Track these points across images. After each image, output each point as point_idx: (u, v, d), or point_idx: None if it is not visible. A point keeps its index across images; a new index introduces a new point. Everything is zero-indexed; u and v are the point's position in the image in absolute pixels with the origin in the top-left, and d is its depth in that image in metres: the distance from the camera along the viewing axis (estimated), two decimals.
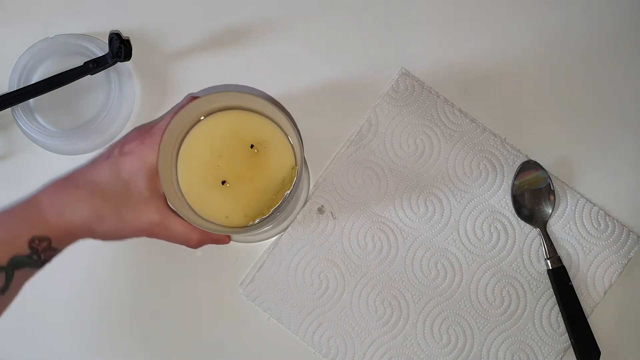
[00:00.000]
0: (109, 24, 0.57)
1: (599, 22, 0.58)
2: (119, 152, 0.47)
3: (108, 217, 0.46)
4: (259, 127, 0.47)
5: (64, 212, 0.45)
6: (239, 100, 0.46)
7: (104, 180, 0.46)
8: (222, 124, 0.47)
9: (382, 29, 0.57)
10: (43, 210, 0.45)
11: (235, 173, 0.46)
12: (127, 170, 0.46)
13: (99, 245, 0.54)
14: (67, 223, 0.45)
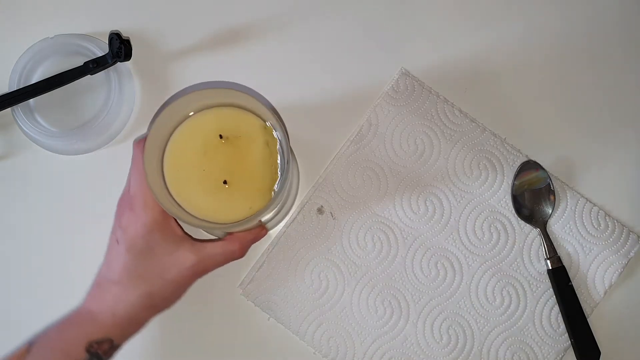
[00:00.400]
0: (109, 24, 0.57)
1: (599, 21, 0.58)
2: (121, 232, 0.47)
3: (155, 289, 0.47)
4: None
5: (117, 309, 0.46)
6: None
7: (130, 262, 0.46)
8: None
9: (382, 28, 0.58)
10: (97, 316, 0.46)
11: (220, 170, 0.46)
12: (140, 241, 0.46)
13: (99, 248, 0.54)
14: (125, 317, 0.46)
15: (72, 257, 0.55)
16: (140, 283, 0.46)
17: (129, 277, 0.46)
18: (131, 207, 0.47)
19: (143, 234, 0.46)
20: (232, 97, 0.46)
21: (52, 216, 0.55)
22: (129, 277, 0.46)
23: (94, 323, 0.46)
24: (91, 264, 0.54)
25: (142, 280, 0.46)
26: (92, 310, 0.46)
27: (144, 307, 0.47)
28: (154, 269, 0.46)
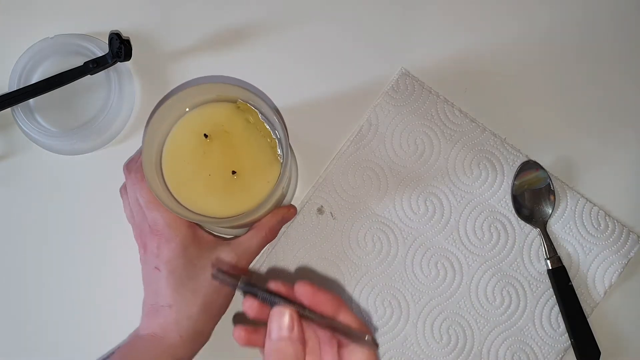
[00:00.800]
0: (109, 24, 0.57)
1: (599, 21, 0.58)
2: (157, 259, 0.47)
3: (210, 299, 0.47)
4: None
5: (181, 330, 0.46)
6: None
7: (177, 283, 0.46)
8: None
9: (382, 28, 0.58)
10: (163, 340, 0.46)
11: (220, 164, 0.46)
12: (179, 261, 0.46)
13: (99, 248, 0.54)
14: (191, 334, 0.46)
15: (72, 257, 0.55)
16: (195, 298, 0.46)
17: (182, 298, 0.46)
18: (156, 234, 0.47)
19: (179, 253, 0.46)
20: (224, 91, 0.46)
21: (52, 216, 0.55)
22: (182, 297, 0.46)
23: (162, 347, 0.46)
24: (91, 263, 0.54)
25: (195, 295, 0.46)
26: (157, 335, 0.46)
27: (205, 321, 0.47)
28: (202, 281, 0.47)
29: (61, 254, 0.55)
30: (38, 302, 0.54)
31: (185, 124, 0.47)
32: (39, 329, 0.54)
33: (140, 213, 0.48)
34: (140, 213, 0.48)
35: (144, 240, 0.48)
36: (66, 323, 0.53)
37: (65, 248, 0.55)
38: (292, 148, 0.55)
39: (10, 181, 0.56)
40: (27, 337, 0.54)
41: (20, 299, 0.54)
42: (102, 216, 0.54)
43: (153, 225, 0.47)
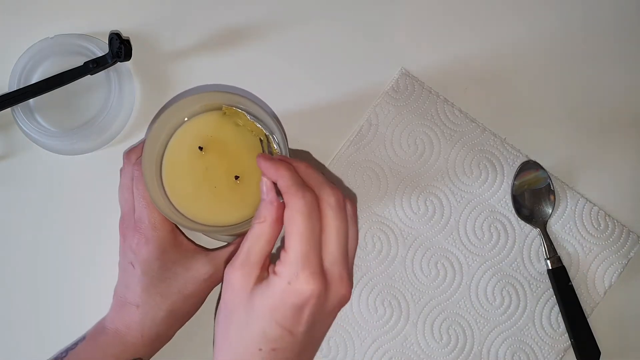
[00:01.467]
0: (109, 24, 0.57)
1: (599, 21, 0.58)
2: (134, 256, 0.47)
3: (177, 306, 0.48)
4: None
5: (144, 330, 0.47)
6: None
7: (149, 284, 0.47)
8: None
9: (382, 29, 0.57)
10: (126, 338, 0.47)
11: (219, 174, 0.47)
12: (155, 263, 0.47)
13: (99, 248, 0.54)
14: (153, 336, 0.48)
15: (72, 257, 0.55)
16: (162, 303, 0.47)
17: (150, 299, 0.47)
18: (138, 230, 0.47)
19: (157, 255, 0.47)
20: (209, 100, 0.47)
21: (52, 216, 0.55)
22: (150, 298, 0.47)
23: (124, 344, 0.47)
24: (91, 263, 0.54)
25: (163, 300, 0.47)
26: (120, 332, 0.47)
27: (169, 325, 0.48)
28: (173, 287, 0.47)
29: (61, 254, 0.55)
30: (38, 301, 0.54)
31: (179, 141, 0.47)
32: (39, 328, 0.54)
33: (130, 202, 0.48)
34: (130, 202, 0.48)
35: (125, 231, 0.48)
36: (66, 323, 0.53)
37: (64, 248, 0.55)
38: (292, 149, 0.55)
39: (10, 181, 0.56)
40: (26, 336, 0.54)
41: (20, 299, 0.54)
42: (101, 216, 0.54)
43: (138, 221, 0.47)
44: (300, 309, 0.36)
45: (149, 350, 0.48)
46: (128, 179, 0.49)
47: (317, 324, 0.38)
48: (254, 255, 0.38)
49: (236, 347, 0.37)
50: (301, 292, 0.36)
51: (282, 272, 0.36)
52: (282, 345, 0.37)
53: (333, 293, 0.37)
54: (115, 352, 0.46)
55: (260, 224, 0.38)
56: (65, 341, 0.51)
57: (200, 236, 0.54)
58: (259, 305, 0.36)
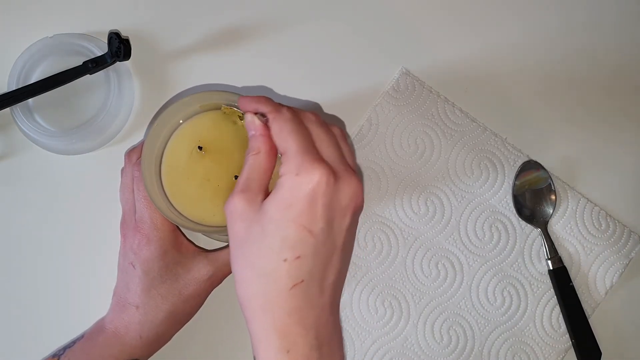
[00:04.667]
0: (109, 23, 0.57)
1: (599, 21, 0.58)
2: (134, 256, 0.47)
3: (178, 307, 0.47)
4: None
5: (143, 332, 0.47)
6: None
7: (149, 285, 0.47)
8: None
9: (383, 28, 0.57)
10: (124, 338, 0.47)
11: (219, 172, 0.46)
12: (156, 264, 0.47)
13: (98, 248, 0.54)
14: (152, 338, 0.47)
15: (72, 257, 0.54)
16: (162, 304, 0.47)
17: (150, 300, 0.47)
18: (139, 230, 0.47)
19: (158, 256, 0.47)
20: (206, 100, 0.46)
21: (51, 216, 0.55)
22: (150, 300, 0.47)
23: (122, 345, 0.47)
24: (91, 263, 0.54)
25: (163, 301, 0.47)
26: (119, 332, 0.47)
27: (168, 327, 0.48)
28: (173, 288, 0.47)
29: (60, 254, 0.54)
30: (38, 301, 0.54)
31: (178, 142, 0.47)
32: (39, 327, 0.54)
33: (131, 202, 0.48)
34: (131, 202, 0.48)
35: (126, 231, 0.48)
36: (66, 323, 0.53)
37: (64, 247, 0.54)
38: None
39: (9, 181, 0.55)
40: (26, 335, 0.54)
41: (19, 298, 0.54)
42: (101, 216, 0.54)
43: (139, 221, 0.47)
44: (313, 199, 0.35)
45: (147, 352, 0.48)
46: (129, 179, 0.49)
47: (335, 223, 0.37)
48: (254, 182, 0.38)
49: (261, 267, 0.36)
50: (310, 179, 0.35)
51: (286, 170, 0.36)
52: (306, 251, 0.36)
53: (343, 184, 0.37)
54: (113, 353, 0.46)
55: (255, 155, 0.38)
56: (65, 340, 0.51)
57: (200, 237, 0.54)
58: (272, 212, 0.36)
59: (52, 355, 0.49)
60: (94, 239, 0.54)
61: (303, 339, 0.36)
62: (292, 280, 0.35)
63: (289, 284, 0.35)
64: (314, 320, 0.36)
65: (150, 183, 0.45)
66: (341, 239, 0.38)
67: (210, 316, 0.53)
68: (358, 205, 0.38)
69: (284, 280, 0.35)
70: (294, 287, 0.35)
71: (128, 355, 0.47)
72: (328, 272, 0.37)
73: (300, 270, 0.36)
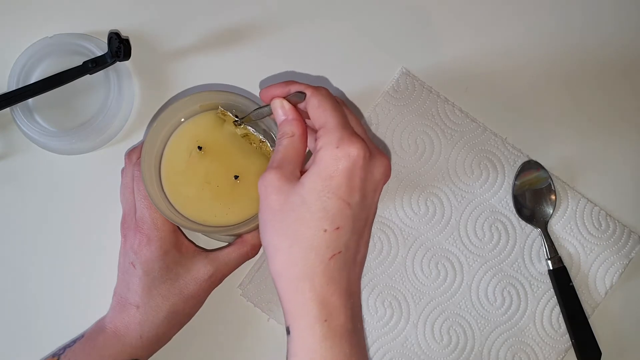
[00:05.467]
0: (108, 23, 0.57)
1: (600, 21, 0.58)
2: (135, 256, 0.47)
3: (178, 307, 0.47)
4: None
5: (144, 332, 0.47)
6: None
7: (150, 285, 0.47)
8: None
9: (382, 28, 0.57)
10: (124, 339, 0.47)
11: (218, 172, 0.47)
12: (157, 263, 0.47)
13: (98, 248, 0.54)
14: (152, 338, 0.47)
15: (72, 257, 0.54)
16: (163, 304, 0.47)
17: (151, 300, 0.47)
18: (139, 230, 0.47)
19: (158, 255, 0.47)
20: (206, 99, 0.46)
21: (51, 216, 0.55)
22: (151, 300, 0.47)
23: (122, 345, 0.47)
24: (91, 262, 0.54)
25: (164, 301, 0.47)
26: (119, 332, 0.47)
27: (169, 327, 0.48)
28: (174, 287, 0.47)
29: (60, 253, 0.54)
30: (37, 301, 0.54)
31: (177, 142, 0.47)
32: (38, 327, 0.54)
33: (131, 202, 0.48)
34: (131, 202, 0.48)
35: (126, 232, 0.48)
36: (66, 323, 0.53)
37: (64, 247, 0.54)
38: None
39: (9, 181, 0.55)
40: (26, 335, 0.54)
41: (19, 298, 0.54)
42: (101, 216, 0.54)
43: (139, 221, 0.47)
44: (351, 173, 0.36)
45: (147, 352, 0.48)
46: (129, 179, 0.49)
47: (368, 197, 0.38)
48: (290, 161, 0.38)
49: (301, 238, 0.36)
50: (350, 152, 0.36)
51: (326, 142, 0.37)
52: (344, 222, 0.36)
53: (376, 160, 0.38)
54: (113, 353, 0.46)
55: (290, 137, 0.39)
56: (65, 340, 0.51)
57: (200, 237, 0.54)
58: (313, 183, 0.36)
59: (52, 355, 0.49)
60: (94, 238, 0.54)
61: (339, 310, 0.36)
62: (331, 251, 0.36)
63: (327, 253, 0.36)
64: (349, 291, 0.37)
65: (150, 183, 0.45)
66: (372, 213, 0.39)
67: (210, 316, 0.52)
68: (386, 181, 0.40)
69: (323, 249, 0.36)
70: (332, 257, 0.36)
71: (128, 355, 0.46)
72: (360, 244, 0.38)
73: (339, 241, 0.36)
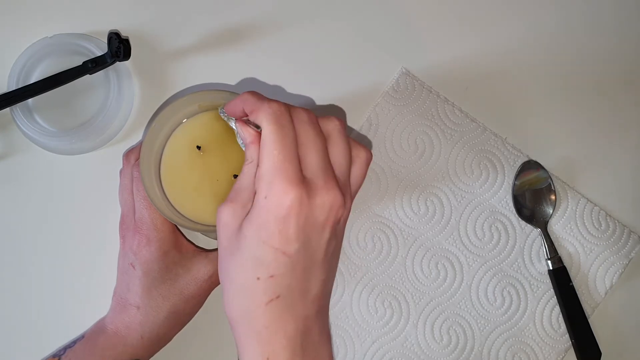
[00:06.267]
0: (108, 23, 0.57)
1: (600, 21, 0.58)
2: (134, 257, 0.47)
3: (179, 308, 0.47)
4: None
5: (144, 332, 0.47)
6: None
7: (150, 285, 0.47)
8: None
9: (382, 28, 0.57)
10: (125, 339, 0.47)
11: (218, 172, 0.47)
12: (156, 264, 0.47)
13: (98, 248, 0.54)
14: (153, 338, 0.47)
15: (72, 257, 0.54)
16: (163, 304, 0.47)
17: (151, 301, 0.47)
18: (138, 230, 0.47)
19: (158, 256, 0.47)
20: (204, 99, 0.46)
21: (51, 216, 0.55)
22: (151, 300, 0.47)
23: (123, 345, 0.47)
24: (91, 262, 0.54)
25: (164, 301, 0.47)
26: (120, 333, 0.47)
27: (169, 327, 0.48)
28: (174, 288, 0.47)
29: (60, 254, 0.54)
30: (37, 301, 0.54)
31: (176, 142, 0.47)
32: (38, 328, 0.54)
33: (129, 203, 0.48)
34: (129, 203, 0.48)
35: (125, 232, 0.48)
36: (65, 323, 0.53)
37: (64, 247, 0.54)
38: None
39: (9, 181, 0.55)
40: (26, 336, 0.54)
41: (19, 299, 0.54)
42: (101, 216, 0.54)
43: (139, 222, 0.47)
44: (284, 222, 0.34)
45: (148, 352, 0.48)
46: (127, 180, 0.49)
47: (313, 240, 0.36)
48: (243, 192, 0.36)
49: (237, 282, 0.36)
50: (280, 203, 0.34)
51: (258, 188, 0.35)
52: (280, 270, 0.35)
53: (320, 200, 0.35)
54: (114, 354, 0.46)
55: (248, 164, 0.37)
56: (65, 341, 0.51)
57: (199, 237, 0.54)
58: (246, 231, 0.35)
59: (53, 355, 0.49)
60: (94, 238, 0.54)
61: (284, 347, 0.36)
62: (267, 297, 0.35)
63: (264, 299, 0.35)
64: (296, 329, 0.36)
65: (150, 183, 0.45)
66: (321, 253, 0.37)
67: (210, 316, 0.52)
68: (339, 217, 0.36)
69: (259, 296, 0.35)
70: (269, 302, 0.35)
71: (129, 355, 0.46)
72: (310, 284, 0.36)
73: (276, 287, 0.35)
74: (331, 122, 0.38)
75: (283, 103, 0.37)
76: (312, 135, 0.36)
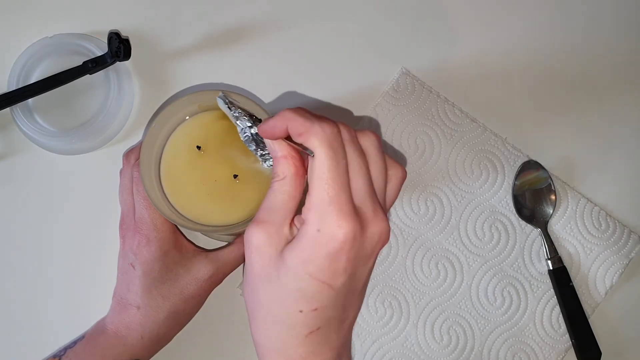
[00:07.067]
0: (108, 23, 0.57)
1: (600, 22, 0.58)
2: (134, 257, 0.47)
3: (179, 308, 0.47)
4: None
5: (145, 333, 0.47)
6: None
7: (150, 285, 0.47)
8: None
9: (383, 28, 0.57)
10: (125, 339, 0.47)
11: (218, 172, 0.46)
12: (156, 264, 0.47)
13: (98, 248, 0.54)
14: (153, 338, 0.47)
15: (72, 257, 0.54)
16: (164, 304, 0.47)
17: (151, 301, 0.47)
18: (138, 231, 0.47)
19: (158, 256, 0.47)
20: (204, 99, 0.46)
21: (51, 216, 0.55)
22: (151, 300, 0.47)
23: (123, 346, 0.47)
24: (91, 263, 0.54)
25: (164, 301, 0.47)
26: (120, 333, 0.47)
27: (170, 327, 0.48)
28: (174, 288, 0.47)
29: (60, 254, 0.54)
30: (38, 301, 0.54)
31: (176, 142, 0.47)
32: (39, 328, 0.54)
33: (129, 203, 0.48)
34: (129, 203, 0.48)
35: (125, 232, 0.48)
36: (66, 323, 0.53)
37: (64, 247, 0.54)
38: None
39: (9, 181, 0.55)
40: (26, 336, 0.54)
41: (19, 299, 0.54)
42: (101, 216, 0.54)
43: (139, 222, 0.47)
44: (335, 258, 0.32)
45: (148, 352, 0.48)
46: (127, 180, 0.49)
47: (358, 272, 0.34)
48: (276, 212, 0.34)
49: (274, 313, 0.34)
50: (333, 237, 0.31)
51: (308, 219, 0.32)
52: (323, 303, 0.33)
53: (370, 232, 0.33)
54: (114, 353, 0.46)
55: (279, 181, 0.34)
56: (65, 341, 0.51)
57: (199, 237, 0.54)
58: (291, 261, 0.32)
59: (53, 355, 0.49)
60: (94, 238, 0.54)
61: None
62: (308, 329, 0.34)
63: (304, 331, 0.34)
64: (331, 358, 0.35)
65: (150, 183, 0.45)
66: (362, 283, 0.35)
67: (211, 316, 0.52)
68: (385, 242, 0.35)
69: (299, 328, 0.34)
70: (309, 334, 0.34)
71: (130, 355, 0.46)
72: (347, 313, 0.35)
73: (318, 319, 0.34)
74: (368, 138, 0.36)
75: (333, 122, 0.34)
76: (357, 157, 0.34)
